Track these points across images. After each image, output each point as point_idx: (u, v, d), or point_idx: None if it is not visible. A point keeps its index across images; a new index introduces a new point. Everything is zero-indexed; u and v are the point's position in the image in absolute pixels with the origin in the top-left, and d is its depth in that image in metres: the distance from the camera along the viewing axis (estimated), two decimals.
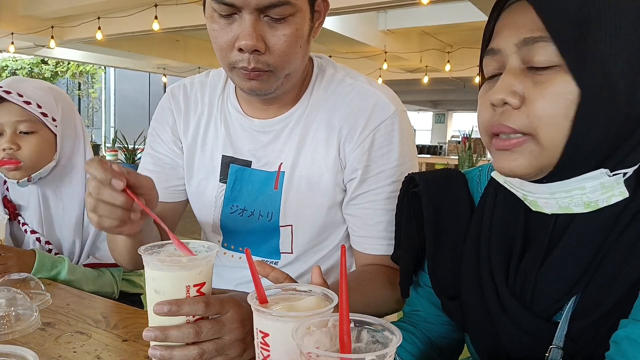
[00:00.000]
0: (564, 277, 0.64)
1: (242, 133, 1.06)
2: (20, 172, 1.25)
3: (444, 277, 0.79)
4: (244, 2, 0.84)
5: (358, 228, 1.04)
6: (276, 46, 0.88)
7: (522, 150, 0.62)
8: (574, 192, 0.62)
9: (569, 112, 0.59)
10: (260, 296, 0.62)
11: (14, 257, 1.18)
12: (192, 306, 0.67)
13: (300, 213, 1.04)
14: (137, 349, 0.82)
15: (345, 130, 1.00)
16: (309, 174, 1.03)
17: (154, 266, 0.68)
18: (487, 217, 0.74)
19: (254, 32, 0.85)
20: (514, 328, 0.67)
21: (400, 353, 0.80)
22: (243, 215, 1.08)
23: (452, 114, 21.71)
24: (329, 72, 1.05)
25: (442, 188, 0.81)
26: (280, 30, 0.87)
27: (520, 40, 0.61)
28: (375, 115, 0.99)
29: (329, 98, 1.02)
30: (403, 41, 8.56)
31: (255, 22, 0.86)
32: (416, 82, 11.58)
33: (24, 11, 7.52)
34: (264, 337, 0.58)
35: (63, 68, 15.58)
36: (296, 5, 0.87)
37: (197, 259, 0.69)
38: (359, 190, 1.01)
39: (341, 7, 5.76)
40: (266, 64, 0.89)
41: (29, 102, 1.22)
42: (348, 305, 0.51)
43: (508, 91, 0.61)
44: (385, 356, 0.47)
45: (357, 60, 9.01)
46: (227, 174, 1.08)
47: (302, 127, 1.02)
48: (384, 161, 1.00)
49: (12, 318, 0.86)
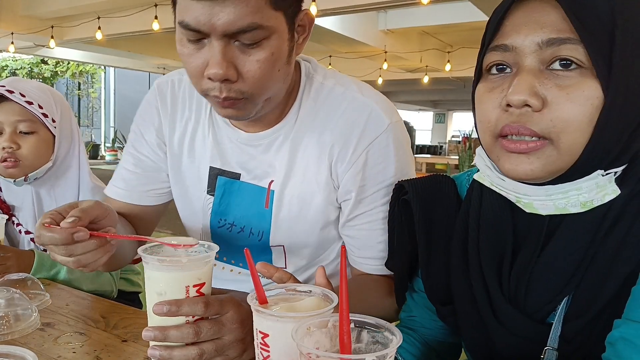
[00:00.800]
0: (557, 276, 0.64)
1: (230, 144, 1.01)
2: (18, 170, 1.25)
3: (437, 283, 0.78)
4: (210, 28, 0.76)
5: (357, 249, 1.00)
6: (249, 73, 0.80)
7: (539, 154, 0.60)
8: (570, 193, 0.62)
9: (593, 117, 0.58)
10: (260, 296, 0.62)
11: (13, 257, 1.18)
12: (191, 306, 0.67)
13: (291, 234, 1.00)
14: (136, 349, 0.82)
15: (336, 148, 0.93)
16: (300, 193, 0.97)
17: (154, 266, 0.68)
18: (474, 220, 0.73)
19: (224, 59, 0.78)
20: (507, 332, 0.67)
21: (402, 353, 0.79)
22: (232, 231, 1.04)
23: (452, 113, 21.72)
24: (318, 80, 0.97)
25: (432, 194, 0.80)
26: (254, 55, 0.79)
27: (544, 39, 0.59)
28: (368, 131, 0.92)
29: (319, 110, 0.96)
30: (403, 41, 8.56)
31: (224, 48, 0.78)
32: (416, 82, 11.59)
33: (23, 11, 7.52)
34: (263, 337, 0.58)
35: (63, 68, 15.58)
36: (270, 28, 0.78)
37: (196, 259, 0.69)
38: (355, 212, 0.97)
39: (341, 7, 5.76)
40: (240, 92, 0.82)
41: (31, 102, 1.23)
42: (348, 306, 0.50)
43: (530, 92, 0.59)
44: (386, 357, 0.47)
45: (357, 60, 9.01)
46: (214, 186, 1.03)
47: (291, 141, 0.96)
48: (379, 179, 0.94)
49: (12, 318, 0.86)
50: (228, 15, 0.75)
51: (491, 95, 0.64)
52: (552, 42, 0.58)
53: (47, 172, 1.30)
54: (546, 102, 0.59)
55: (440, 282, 0.78)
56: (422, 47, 8.98)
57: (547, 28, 0.59)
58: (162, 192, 1.11)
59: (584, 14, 0.57)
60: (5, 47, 8.42)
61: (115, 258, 0.94)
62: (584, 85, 0.58)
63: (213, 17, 0.75)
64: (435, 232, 0.79)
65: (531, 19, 0.60)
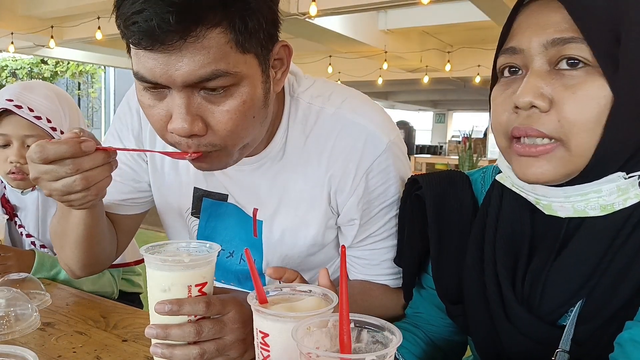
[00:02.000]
0: (572, 280, 0.63)
1: None
2: (26, 183, 1.25)
3: (448, 281, 0.78)
4: (168, 80, 0.67)
5: (362, 267, 0.96)
6: (220, 125, 0.71)
7: (549, 157, 0.60)
8: (590, 196, 0.61)
9: (602, 117, 0.57)
10: (260, 296, 0.62)
11: (13, 257, 1.18)
12: (193, 306, 0.67)
13: (286, 262, 0.96)
14: (136, 349, 0.82)
15: (335, 179, 0.88)
16: (293, 225, 0.92)
17: (156, 266, 0.68)
18: (492, 221, 0.72)
19: (188, 113, 0.69)
20: (518, 333, 0.66)
21: (404, 354, 0.79)
22: (220, 255, 0.99)
23: (452, 113, 21.70)
24: (304, 101, 0.88)
25: (446, 190, 0.79)
26: (223, 105, 0.70)
27: (548, 40, 0.59)
28: (367, 155, 0.86)
29: (309, 136, 0.88)
30: (403, 41, 8.56)
31: (188, 100, 0.69)
32: (416, 82, 11.57)
33: (23, 11, 7.51)
34: (263, 337, 0.58)
35: (63, 68, 15.57)
36: (238, 75, 0.69)
37: (199, 259, 0.69)
38: (360, 236, 0.93)
39: (341, 7, 5.75)
40: (211, 146, 0.73)
41: (39, 117, 1.20)
42: (348, 306, 0.50)
43: (536, 94, 0.59)
44: (386, 356, 0.47)
45: (357, 60, 9.01)
46: (199, 208, 0.97)
47: (280, 172, 0.90)
48: (382, 199, 0.90)
49: (12, 318, 0.86)
50: (187, 66, 0.66)
51: (503, 98, 0.64)
52: (556, 43, 0.58)
53: None
54: (553, 102, 0.59)
55: (451, 280, 0.77)
56: (422, 47, 8.97)
57: (550, 29, 0.59)
58: (141, 201, 1.03)
59: (586, 12, 0.57)
60: (5, 47, 8.41)
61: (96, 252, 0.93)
62: (589, 84, 0.57)
63: (170, 69, 0.66)
64: (447, 228, 0.78)
65: (535, 20, 0.61)
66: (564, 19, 0.58)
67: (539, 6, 0.61)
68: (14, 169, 1.21)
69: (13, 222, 1.34)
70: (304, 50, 9.05)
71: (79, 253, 0.94)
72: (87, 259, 0.96)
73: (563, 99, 0.58)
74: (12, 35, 7.80)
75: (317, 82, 0.93)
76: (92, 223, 0.89)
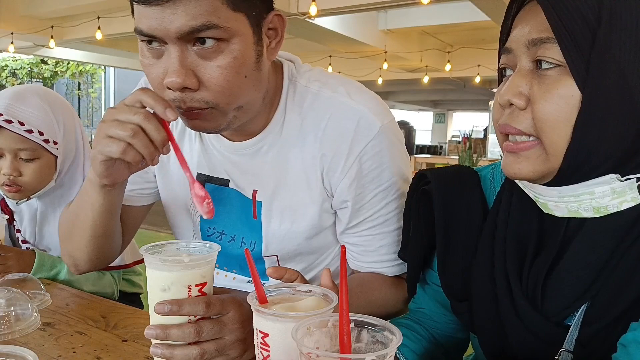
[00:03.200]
0: (575, 283, 0.63)
1: (216, 151, 0.98)
2: (20, 194, 1.23)
3: (454, 277, 0.78)
4: (163, 32, 0.73)
5: (358, 255, 0.98)
6: (211, 80, 0.76)
7: (528, 154, 0.62)
8: (582, 197, 0.61)
9: (571, 116, 0.58)
10: (260, 296, 0.62)
11: (14, 257, 1.18)
12: (193, 306, 0.67)
13: (285, 244, 0.97)
14: (136, 349, 0.82)
15: (327, 158, 0.90)
16: (291, 204, 0.94)
17: (156, 266, 0.68)
18: (503, 217, 0.72)
19: (181, 66, 0.74)
20: (525, 330, 0.66)
21: (405, 352, 0.79)
22: (222, 240, 1.01)
23: (452, 113, 21.72)
24: (302, 84, 0.92)
25: (454, 186, 0.79)
26: (214, 61, 0.75)
27: (529, 40, 0.61)
28: (360, 137, 0.88)
29: (305, 117, 0.91)
30: (403, 41, 8.56)
31: (182, 54, 0.74)
32: (416, 82, 11.58)
33: (23, 11, 7.51)
34: (263, 337, 0.58)
35: (63, 68, 15.58)
36: (229, 30, 0.74)
37: (198, 259, 0.69)
38: (353, 221, 0.94)
39: (341, 7, 5.76)
40: (203, 102, 0.77)
41: (31, 130, 1.16)
42: (348, 306, 0.50)
43: (514, 92, 0.61)
44: (386, 356, 0.47)
45: (357, 60, 9.01)
46: None
47: (277, 150, 0.92)
48: (375, 184, 0.91)
49: (12, 318, 0.86)
50: (180, 18, 0.72)
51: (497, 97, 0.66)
52: (535, 42, 0.60)
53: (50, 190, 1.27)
54: (530, 101, 0.61)
55: (457, 276, 0.77)
56: (422, 47, 8.98)
57: (533, 29, 0.61)
58: (146, 192, 1.07)
59: (565, 13, 0.58)
60: (5, 47, 8.42)
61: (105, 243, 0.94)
62: (559, 83, 0.59)
63: (164, 21, 0.72)
64: (455, 224, 0.77)
65: (523, 20, 0.63)
66: (544, 20, 0.59)
67: (529, 7, 0.63)
68: (7, 181, 1.19)
69: (12, 225, 1.33)
70: (304, 50, 9.05)
71: (90, 242, 0.95)
72: (94, 250, 0.97)
73: (537, 98, 0.60)
74: (12, 35, 7.81)
75: (315, 69, 0.97)
76: (112, 208, 0.90)
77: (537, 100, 0.60)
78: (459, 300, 0.77)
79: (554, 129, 0.59)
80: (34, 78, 15.68)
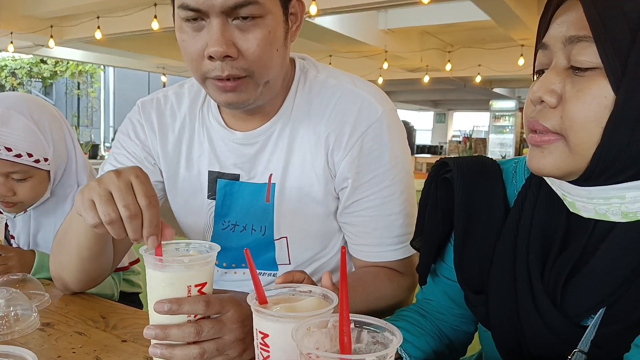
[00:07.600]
0: (599, 288, 0.62)
1: (226, 147, 1.02)
2: (16, 209, 1.23)
3: (471, 270, 0.76)
4: (208, 5, 0.80)
5: (355, 236, 1.01)
6: (249, 50, 0.84)
7: (551, 149, 0.61)
8: (612, 200, 0.60)
9: (602, 117, 0.57)
10: (260, 297, 0.62)
11: (14, 257, 1.18)
12: (192, 305, 0.67)
13: (294, 225, 1.01)
14: (136, 349, 0.82)
15: (332, 138, 0.96)
16: (300, 184, 0.99)
17: (156, 266, 0.68)
18: (528, 211, 0.71)
19: (223, 37, 0.82)
20: (543, 327, 0.66)
21: (408, 348, 0.78)
22: (235, 231, 1.05)
23: (452, 113, 21.72)
24: (312, 74, 1.01)
25: (476, 177, 0.78)
26: (252, 33, 0.83)
27: (566, 37, 0.60)
28: (362, 119, 0.95)
29: (312, 101, 0.98)
30: (403, 40, 8.57)
31: (223, 26, 0.82)
32: (417, 82, 11.58)
33: (23, 11, 7.52)
34: (263, 337, 0.58)
35: (62, 68, 15.58)
36: (265, 6, 0.83)
37: (198, 259, 0.69)
38: (352, 199, 0.98)
39: (341, 7, 5.76)
40: (242, 69, 0.85)
41: (20, 154, 1.15)
42: (348, 306, 0.50)
43: (547, 89, 0.61)
44: (386, 357, 0.47)
45: (357, 60, 9.02)
46: (215, 190, 1.04)
47: (288, 135, 0.98)
48: (375, 166, 0.96)
49: (11, 318, 0.86)
50: None
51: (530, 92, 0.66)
52: (571, 40, 0.59)
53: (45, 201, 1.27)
54: (561, 99, 0.60)
55: (474, 268, 0.76)
56: (423, 46, 8.98)
57: (571, 26, 0.60)
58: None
59: (599, 11, 0.56)
60: (4, 46, 8.42)
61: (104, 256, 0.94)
62: (593, 83, 0.58)
63: None
64: (474, 215, 0.76)
65: (562, 16, 0.62)
66: (583, 18, 0.58)
67: (569, 3, 0.62)
68: (1, 198, 1.19)
69: (6, 231, 1.33)
70: (304, 50, 9.02)
71: (80, 264, 0.95)
72: (81, 273, 0.97)
73: (569, 97, 0.59)
74: (12, 34, 7.81)
75: (325, 65, 1.06)
76: (100, 236, 0.89)
77: (569, 99, 0.59)
78: (475, 293, 0.76)
79: (583, 128, 0.58)
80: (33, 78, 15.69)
